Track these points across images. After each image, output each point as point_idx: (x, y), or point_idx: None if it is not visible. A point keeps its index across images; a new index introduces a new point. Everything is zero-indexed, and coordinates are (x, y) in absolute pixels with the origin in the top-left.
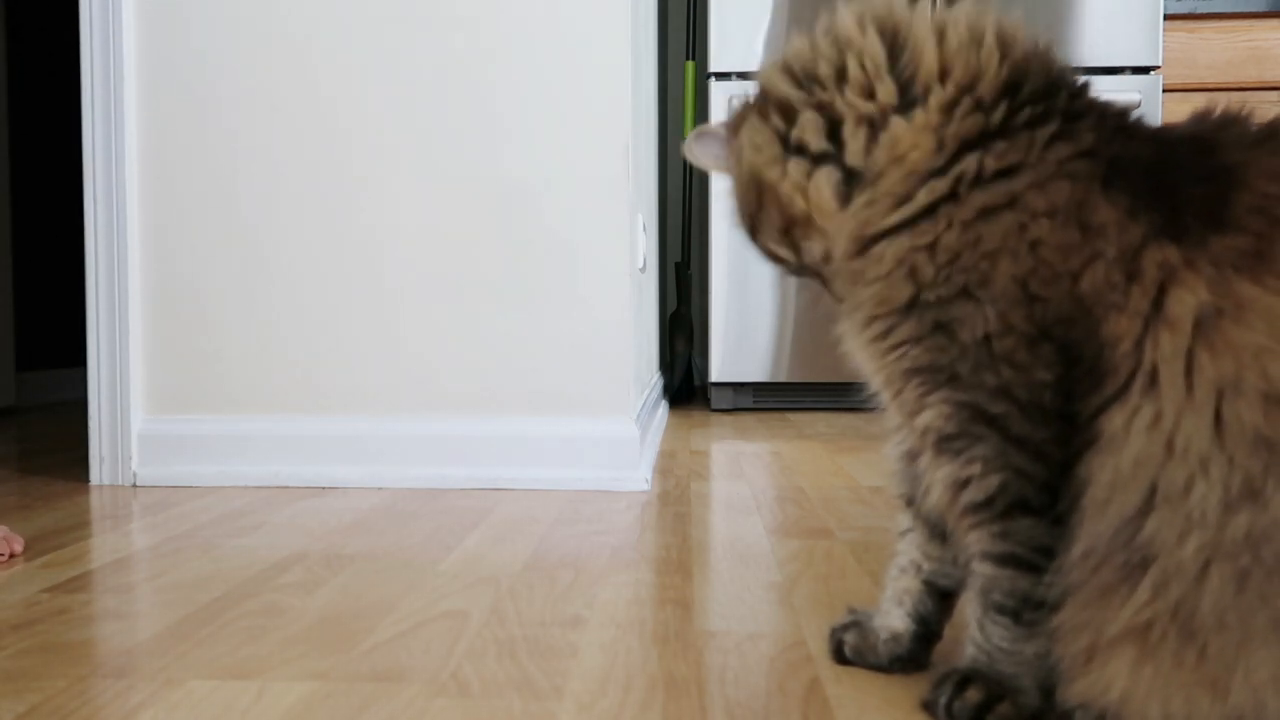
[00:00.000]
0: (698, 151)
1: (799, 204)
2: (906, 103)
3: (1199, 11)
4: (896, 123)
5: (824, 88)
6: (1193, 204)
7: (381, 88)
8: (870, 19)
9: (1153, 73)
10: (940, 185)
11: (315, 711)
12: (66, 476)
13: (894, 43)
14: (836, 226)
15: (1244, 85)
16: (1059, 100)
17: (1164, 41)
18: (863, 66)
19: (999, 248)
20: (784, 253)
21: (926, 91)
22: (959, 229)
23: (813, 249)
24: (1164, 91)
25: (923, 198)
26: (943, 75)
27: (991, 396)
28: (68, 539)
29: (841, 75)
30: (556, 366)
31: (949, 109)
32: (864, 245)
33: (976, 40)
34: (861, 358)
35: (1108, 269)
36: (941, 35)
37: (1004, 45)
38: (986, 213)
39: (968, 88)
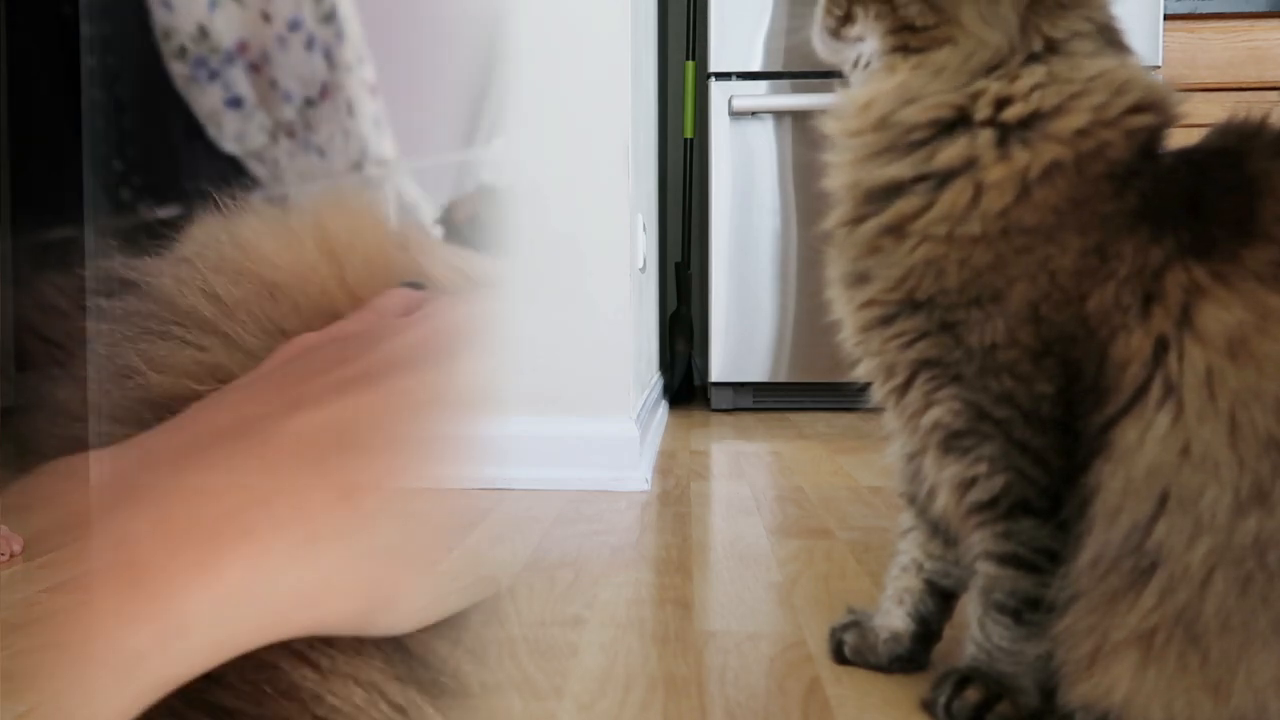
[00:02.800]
0: None
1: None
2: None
3: (1199, 11)
4: (989, 151)
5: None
6: (1220, 218)
7: None
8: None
9: (1152, 73)
10: (995, 225)
11: None
12: None
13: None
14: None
15: (1244, 85)
16: (1139, 164)
17: (1164, 41)
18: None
19: (1021, 274)
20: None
21: (1041, 138)
22: (993, 255)
23: (856, 39)
24: None
25: (975, 227)
26: (1075, 136)
27: (995, 401)
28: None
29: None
30: (556, 366)
31: (1049, 173)
32: (898, 228)
33: (1130, 111)
34: (850, 327)
35: (1117, 291)
36: (1119, 91)
37: (1132, 127)
38: (1024, 250)
39: (1081, 162)
